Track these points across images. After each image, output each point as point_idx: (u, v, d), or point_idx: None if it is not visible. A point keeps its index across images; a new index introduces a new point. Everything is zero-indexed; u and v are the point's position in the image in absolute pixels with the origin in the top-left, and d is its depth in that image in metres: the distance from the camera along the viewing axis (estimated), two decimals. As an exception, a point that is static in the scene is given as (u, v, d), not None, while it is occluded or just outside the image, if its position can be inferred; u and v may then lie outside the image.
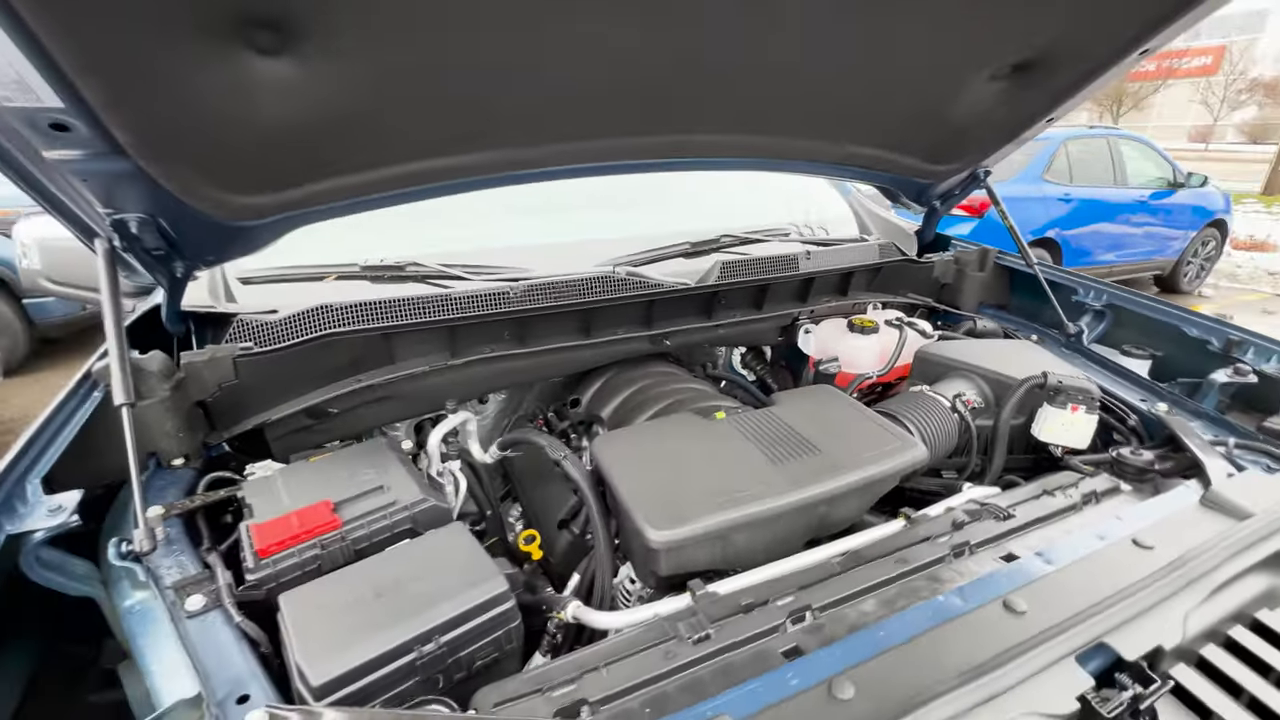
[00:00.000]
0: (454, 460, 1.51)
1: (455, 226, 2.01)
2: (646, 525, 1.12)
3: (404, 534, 1.15)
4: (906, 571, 1.08)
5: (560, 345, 1.70)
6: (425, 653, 0.90)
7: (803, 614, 0.99)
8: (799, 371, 2.38)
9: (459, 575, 1.00)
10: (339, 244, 1.85)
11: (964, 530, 1.21)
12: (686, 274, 1.89)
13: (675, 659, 0.91)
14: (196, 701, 0.77)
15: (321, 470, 1.28)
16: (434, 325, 1.55)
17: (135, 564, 0.98)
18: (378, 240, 1.88)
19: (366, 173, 1.36)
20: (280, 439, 1.55)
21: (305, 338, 1.44)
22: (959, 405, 1.62)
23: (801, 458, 1.30)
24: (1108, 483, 1.36)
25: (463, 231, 2.01)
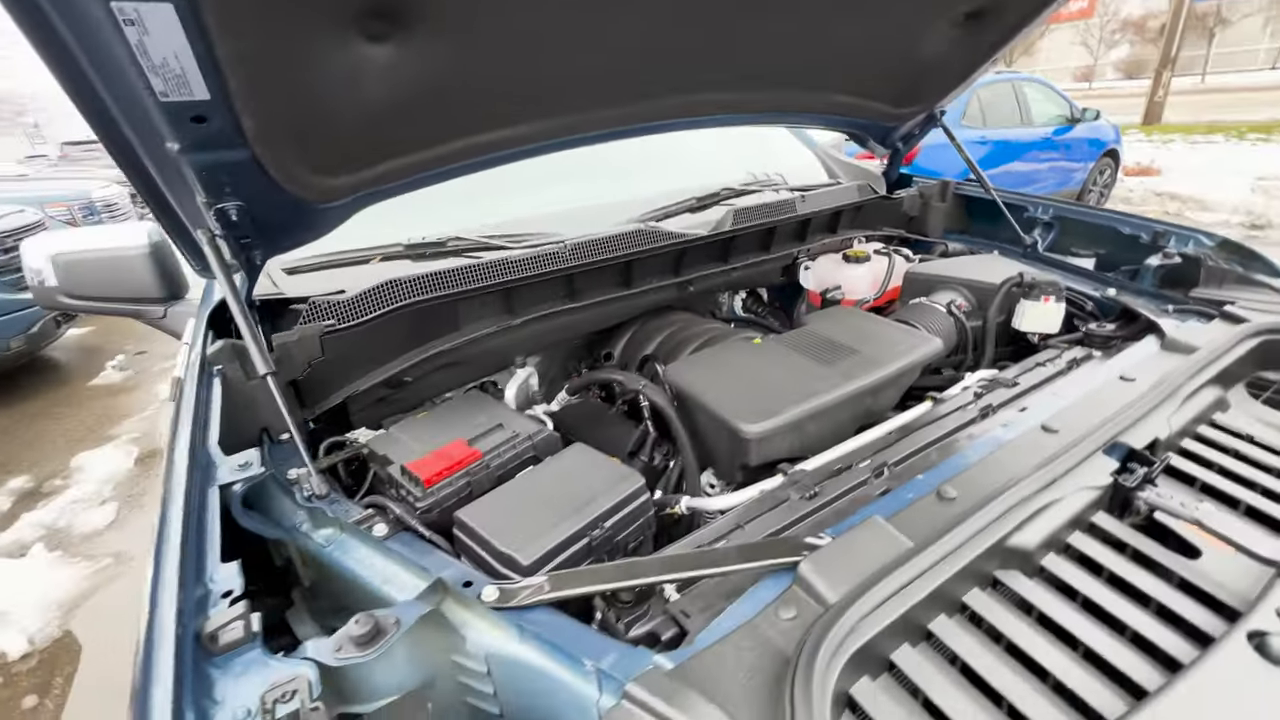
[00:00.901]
0: (538, 405, 1.67)
1: (482, 204, 2.12)
2: (740, 422, 1.33)
3: (529, 461, 1.31)
4: (951, 431, 1.34)
5: (605, 297, 1.87)
6: (596, 536, 1.08)
7: (882, 469, 1.22)
8: (790, 310, 2.64)
9: (602, 479, 1.18)
10: (376, 229, 1.94)
11: (983, 399, 1.47)
12: (700, 225, 2.08)
13: (797, 511, 1.13)
14: (437, 586, 0.92)
15: (434, 422, 1.41)
16: (495, 288, 1.68)
17: (320, 503, 1.10)
18: (411, 222, 1.98)
19: (435, 148, 1.48)
20: (361, 411, 1.67)
21: (384, 310, 1.56)
22: (953, 310, 1.90)
23: (846, 359, 1.53)
24: (1082, 352, 1.67)
25: (490, 207, 2.13)
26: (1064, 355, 1.65)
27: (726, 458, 1.46)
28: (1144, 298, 1.85)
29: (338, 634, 0.77)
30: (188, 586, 0.78)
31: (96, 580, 3.44)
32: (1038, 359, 1.66)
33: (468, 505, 1.12)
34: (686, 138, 2.12)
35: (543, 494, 1.13)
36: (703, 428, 1.49)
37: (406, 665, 0.81)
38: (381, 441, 1.36)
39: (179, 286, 2.01)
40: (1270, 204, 8.86)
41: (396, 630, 0.77)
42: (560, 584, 0.91)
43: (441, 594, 0.90)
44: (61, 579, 3.44)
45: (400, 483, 1.20)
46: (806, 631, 0.75)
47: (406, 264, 1.86)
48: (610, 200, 2.26)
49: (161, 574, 0.79)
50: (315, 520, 1.10)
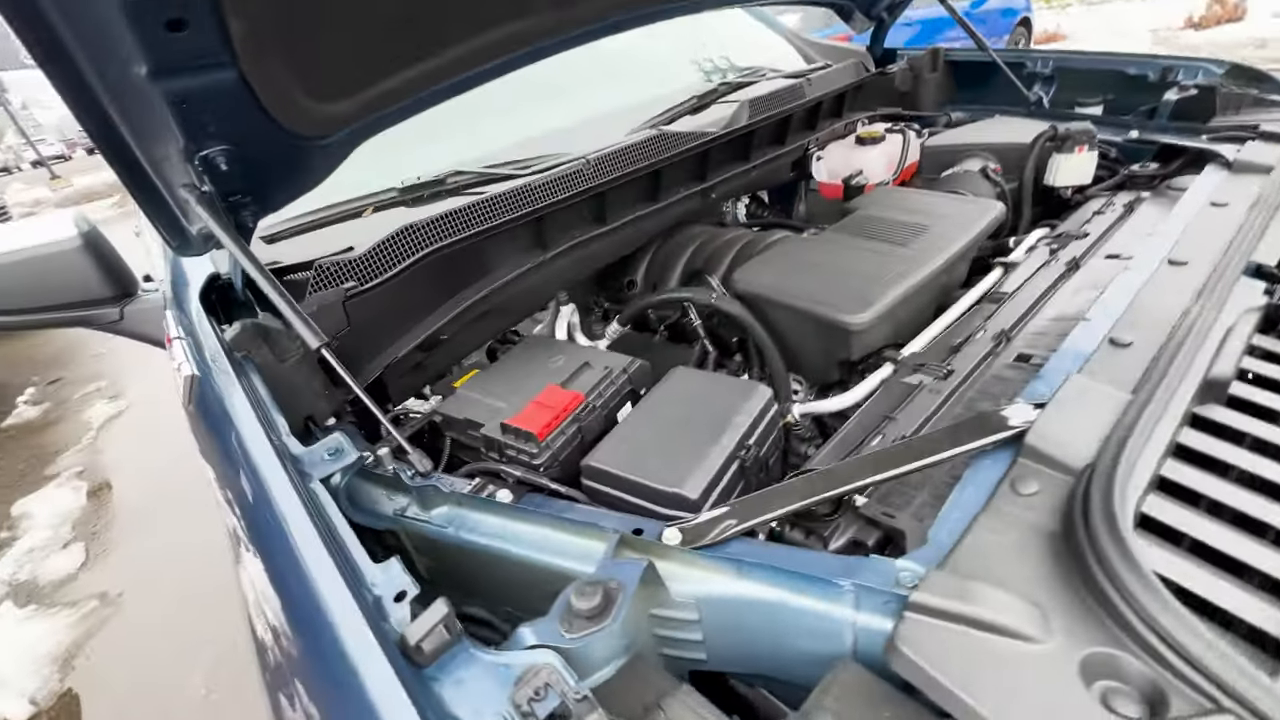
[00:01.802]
0: (601, 338, 1.52)
1: (457, 139, 1.86)
2: (841, 314, 1.24)
3: (627, 396, 1.18)
4: (1052, 287, 1.29)
5: (635, 215, 1.70)
6: (746, 456, 0.98)
7: (1002, 337, 1.16)
8: (790, 210, 2.54)
9: (725, 397, 1.07)
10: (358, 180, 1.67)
11: (1060, 254, 1.43)
12: (712, 124, 1.91)
13: (941, 392, 1.06)
14: (623, 540, 0.80)
15: (503, 376, 1.26)
16: (524, 220, 1.49)
17: (429, 481, 0.95)
18: (389, 169, 1.72)
19: (428, 60, 1.23)
20: (398, 380, 1.47)
21: (407, 263, 1.34)
22: (989, 173, 1.83)
23: (918, 237, 1.45)
24: (1130, 195, 1.64)
25: (468, 143, 1.87)
26: (1115, 201, 1.62)
27: (819, 358, 1.38)
28: (1169, 134, 1.84)
29: (558, 611, 0.65)
30: (355, 597, 0.64)
31: (86, 627, 3.14)
32: (1090, 209, 1.63)
33: (595, 451, 1.00)
34: (646, 39, 1.91)
35: (668, 424, 1.02)
36: (786, 331, 1.39)
37: (620, 630, 0.71)
38: (453, 405, 1.19)
39: (129, 281, 1.70)
40: (1171, 52, 9.26)
41: (623, 595, 0.66)
42: (748, 511, 0.81)
43: (629, 547, 0.79)
44: (45, 633, 3.13)
45: (503, 443, 1.05)
46: (1073, 499, 0.69)
47: (403, 211, 1.62)
48: (594, 115, 2.04)
49: (317, 589, 0.64)
50: (425, 500, 0.95)
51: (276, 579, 0.71)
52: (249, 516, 0.83)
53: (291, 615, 0.66)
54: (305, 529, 0.71)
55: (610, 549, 0.76)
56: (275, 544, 0.72)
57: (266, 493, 0.79)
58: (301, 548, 0.70)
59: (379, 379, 1.42)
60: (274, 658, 0.72)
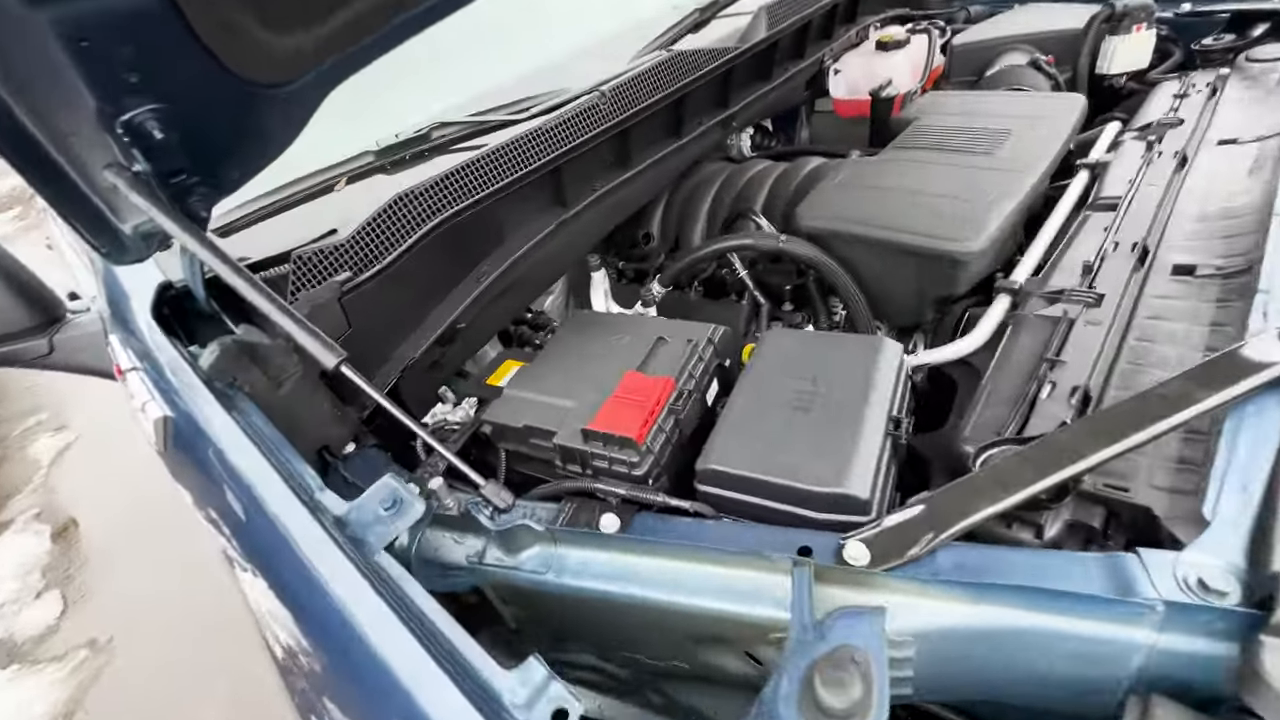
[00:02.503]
0: (650, 304, 1.30)
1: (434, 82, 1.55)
2: (948, 244, 1.04)
3: (715, 372, 0.98)
4: (1170, 185, 1.11)
5: (660, 154, 1.44)
6: (898, 434, 0.79)
7: (1141, 247, 0.99)
8: (794, 138, 2.31)
9: (850, 360, 0.87)
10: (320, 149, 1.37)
11: (1158, 148, 1.25)
12: (721, 41, 1.64)
13: (1101, 323, 0.88)
14: (804, 567, 0.61)
15: (558, 366, 1.03)
16: (538, 174, 1.22)
17: (514, 521, 0.73)
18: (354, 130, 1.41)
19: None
20: (412, 384, 1.23)
21: (411, 242, 1.08)
22: (1042, 65, 1.63)
23: (1002, 143, 1.25)
24: (1207, 75, 1.46)
25: (447, 84, 1.56)
26: (1195, 81, 1.44)
27: (910, 298, 1.19)
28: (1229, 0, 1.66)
29: (791, 679, 0.46)
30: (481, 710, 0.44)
31: (80, 679, 2.88)
32: (1166, 92, 1.45)
33: (710, 449, 0.79)
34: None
35: (789, 403, 0.82)
36: (869, 269, 1.19)
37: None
38: (505, 410, 0.97)
39: (52, 304, 1.39)
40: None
41: (877, 671, 0.47)
42: (948, 512, 0.63)
43: (825, 580, 0.60)
44: (36, 692, 2.86)
45: (589, 453, 0.83)
46: None
47: (386, 180, 1.34)
48: (578, 45, 1.74)
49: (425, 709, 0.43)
50: (510, 542, 0.74)
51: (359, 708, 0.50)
52: (295, 608, 0.61)
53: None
54: (391, 632, 0.50)
55: (803, 586, 0.57)
56: (351, 661, 0.51)
57: (315, 580, 0.57)
58: (393, 659, 0.49)
59: (394, 386, 1.18)
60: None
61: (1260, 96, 1.28)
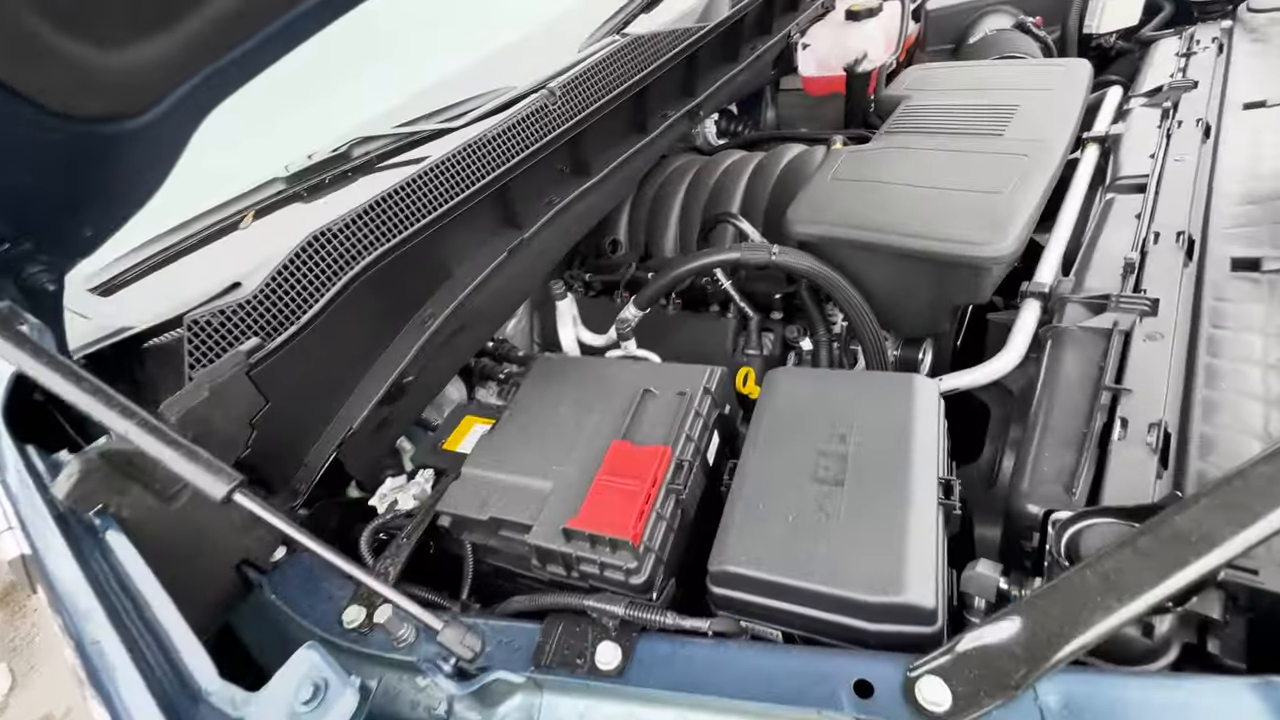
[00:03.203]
0: (628, 338, 1.13)
1: (347, 90, 1.33)
2: (973, 248, 0.89)
3: (716, 424, 0.82)
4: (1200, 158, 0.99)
5: (624, 155, 1.26)
6: (952, 502, 0.65)
7: (1185, 238, 0.86)
8: (760, 121, 2.15)
9: (875, 404, 0.72)
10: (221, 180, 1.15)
11: (1176, 111, 1.13)
12: (682, 20, 1.46)
13: (1164, 336, 0.75)
14: None
15: (528, 428, 0.85)
16: (485, 192, 1.03)
17: (486, 672, 0.57)
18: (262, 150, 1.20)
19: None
20: (358, 453, 1.04)
21: (338, 287, 0.89)
22: (1030, 28, 1.49)
23: (1011, 119, 1.10)
24: (1209, 29, 1.35)
25: (364, 91, 1.33)
26: (1196, 37, 1.32)
27: (925, 308, 1.04)
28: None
29: None
30: None
31: (35, 765, 2.64)
32: (1167, 51, 1.33)
33: (723, 545, 0.64)
34: None
35: (812, 474, 0.66)
36: (876, 278, 1.04)
37: None
38: (465, 497, 0.79)
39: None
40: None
41: None
42: (1047, 628, 0.49)
43: None
44: (-14, 783, 2.62)
45: (572, 556, 0.67)
46: None
47: (303, 210, 1.13)
48: (514, 37, 1.53)
49: None
50: (485, 697, 0.57)
51: None
52: None
53: None
54: None
55: None
56: None
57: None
58: None
59: (334, 461, 0.99)
60: None
61: (1275, 50, 1.17)
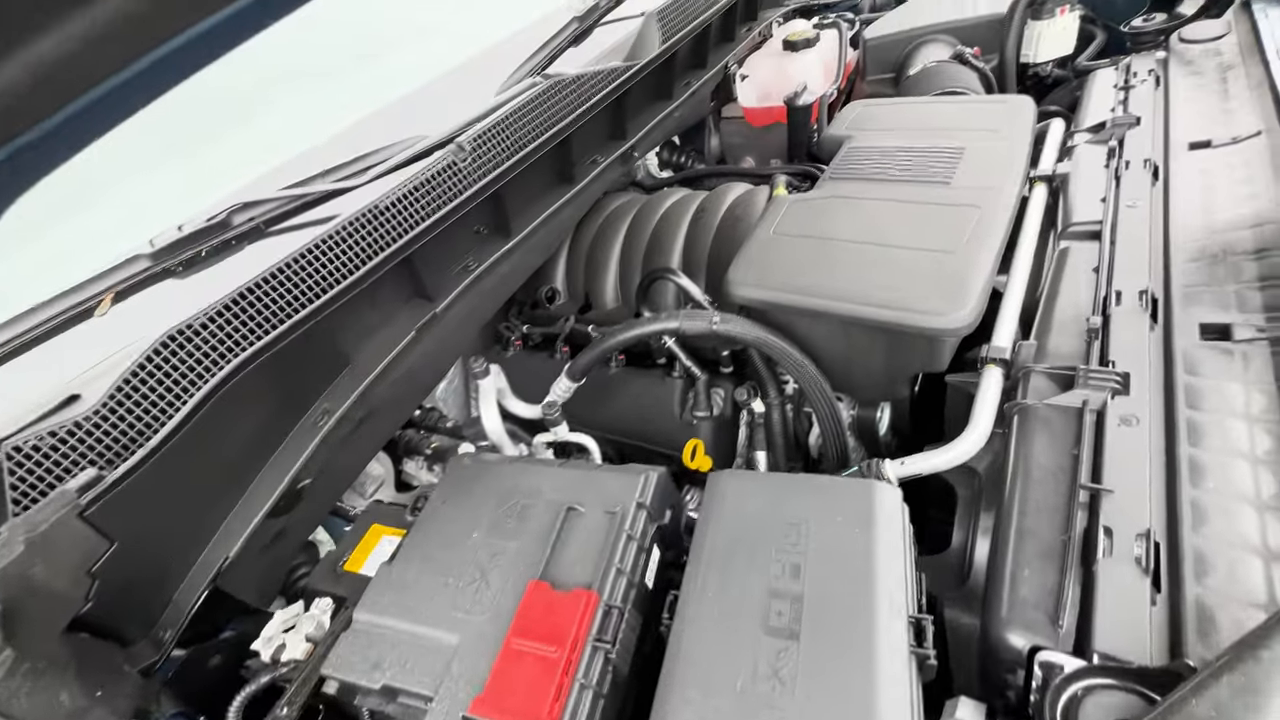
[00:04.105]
0: (556, 424, 1.01)
1: (248, 149, 1.17)
2: (930, 318, 0.81)
3: (657, 534, 0.71)
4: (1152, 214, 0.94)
5: (550, 211, 1.15)
6: (922, 628, 0.55)
7: (1148, 298, 0.80)
8: (703, 149, 2.08)
9: (831, 524, 0.63)
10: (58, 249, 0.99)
11: (1123, 151, 1.09)
12: (606, 57, 1.36)
13: (1138, 420, 0.68)
14: None
15: (430, 560, 0.72)
16: (388, 264, 0.90)
17: None
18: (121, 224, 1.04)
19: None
20: (247, 576, 0.89)
21: (200, 394, 0.75)
22: (969, 59, 1.45)
23: (958, 164, 1.04)
24: (1144, 60, 1.33)
25: (267, 147, 1.18)
26: (1135, 68, 1.30)
27: (880, 376, 0.96)
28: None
29: None
30: None
31: None
32: (1104, 83, 1.30)
33: None
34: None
35: (762, 622, 0.56)
36: (828, 345, 0.96)
37: None
38: (354, 657, 0.66)
39: None
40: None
41: None
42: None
43: None
44: None
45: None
46: None
47: (175, 287, 0.97)
48: (424, 79, 1.39)
49: None
50: None
51: None
52: None
53: None
54: None
55: None
56: None
57: None
58: None
59: (213, 593, 0.84)
60: None
61: (1212, 85, 1.14)
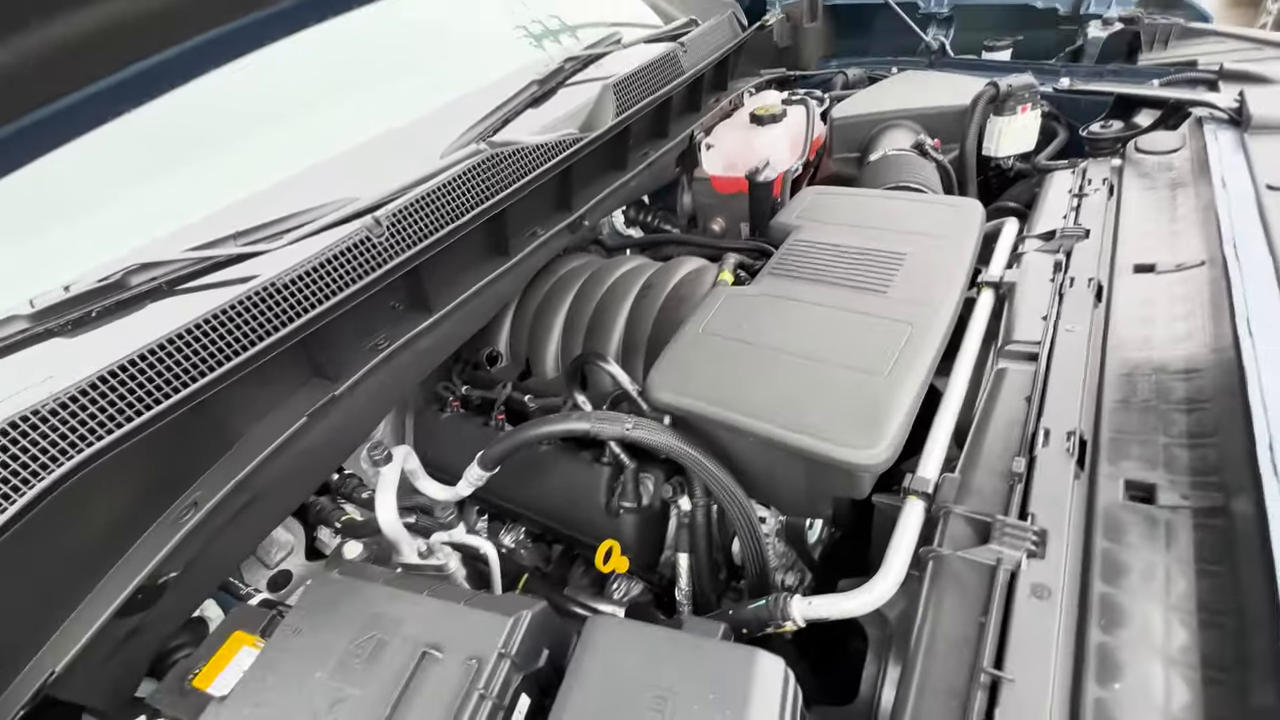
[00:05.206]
0: (449, 527, 0.93)
1: (163, 190, 1.12)
2: (846, 451, 0.76)
3: (524, 683, 0.63)
4: (1090, 344, 0.90)
5: (476, 287, 1.10)
6: None
7: (1077, 440, 0.76)
8: (675, 207, 2.06)
9: (707, 693, 0.56)
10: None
11: (1069, 266, 1.06)
12: (562, 123, 1.33)
13: (1050, 594, 0.63)
14: None
15: (266, 701, 0.65)
16: (282, 345, 0.85)
17: None
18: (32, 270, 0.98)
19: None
20: (95, 680, 0.81)
21: (49, 479, 0.68)
22: (929, 150, 1.44)
23: (897, 272, 1.01)
24: (1100, 166, 1.32)
25: (180, 191, 1.12)
26: (1090, 176, 1.29)
27: (800, 496, 0.91)
28: (1106, 79, 1.55)
29: None
30: None
31: None
32: (1060, 187, 1.29)
33: None
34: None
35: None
36: (743, 458, 0.90)
37: None
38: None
39: None
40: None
41: None
42: None
43: None
44: None
45: None
46: None
47: (58, 345, 0.91)
48: (383, 130, 1.34)
49: None
50: None
51: None
52: None
53: None
54: None
55: None
56: None
57: None
58: None
59: (45, 702, 0.75)
60: None
61: (1163, 202, 1.13)
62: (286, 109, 1.24)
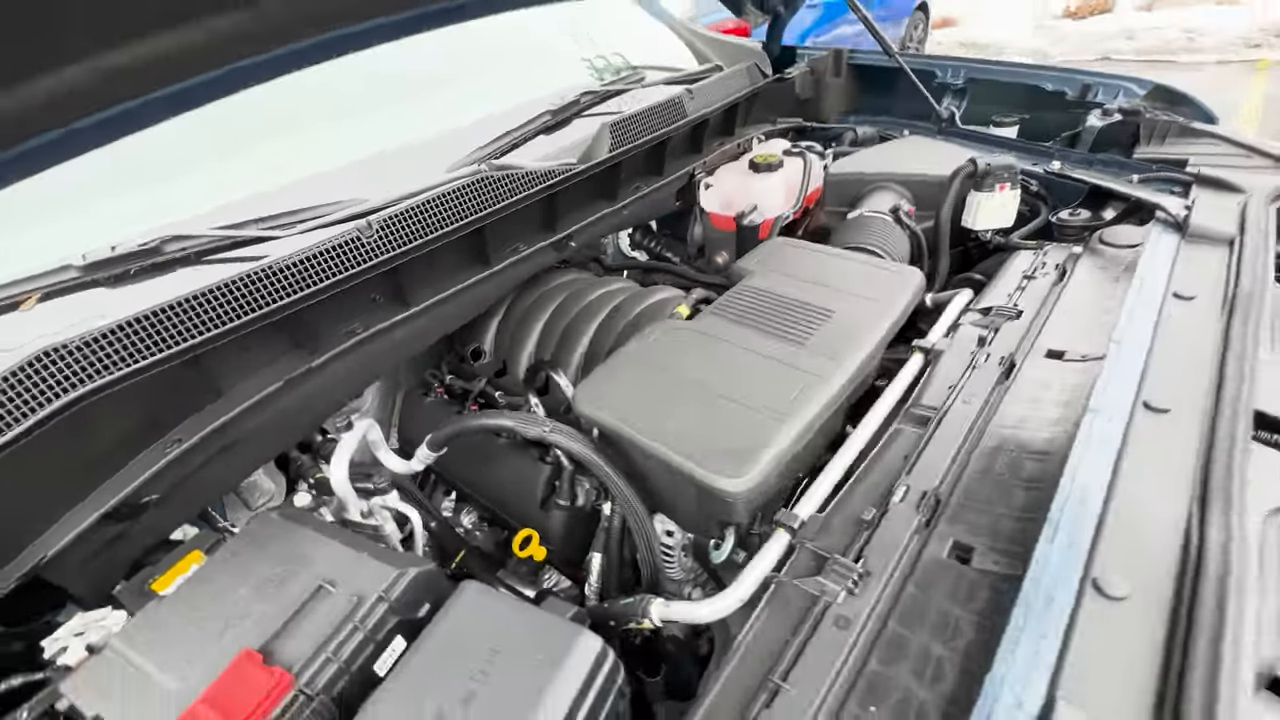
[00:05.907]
0: (383, 493, 1.07)
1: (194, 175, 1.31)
2: (717, 478, 0.87)
3: (393, 632, 0.76)
4: (986, 404, 0.98)
5: (454, 289, 1.24)
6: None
7: (935, 506, 0.83)
8: (683, 235, 2.17)
9: (533, 655, 0.67)
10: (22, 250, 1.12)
11: (991, 344, 1.13)
12: (566, 152, 1.48)
13: (853, 623, 0.71)
14: None
15: (195, 604, 0.79)
16: (267, 319, 1.01)
17: None
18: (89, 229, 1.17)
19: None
20: (80, 571, 0.97)
21: (56, 404, 0.85)
22: (902, 217, 1.52)
23: (820, 327, 1.10)
24: (1063, 252, 1.37)
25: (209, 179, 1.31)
26: (1046, 261, 1.35)
27: (694, 516, 1.01)
28: (1095, 167, 1.60)
29: None
30: None
31: None
32: (1016, 269, 1.35)
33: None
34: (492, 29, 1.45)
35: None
36: (651, 473, 1.01)
37: None
38: (88, 681, 0.72)
39: None
40: (1053, 45, 9.60)
41: None
42: None
43: None
44: None
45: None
46: None
47: (95, 295, 1.09)
48: (408, 140, 1.52)
49: None
50: None
51: None
52: None
53: None
54: None
55: None
56: None
57: None
58: None
59: (36, 580, 0.92)
60: None
61: (1102, 295, 1.18)
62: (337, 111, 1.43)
